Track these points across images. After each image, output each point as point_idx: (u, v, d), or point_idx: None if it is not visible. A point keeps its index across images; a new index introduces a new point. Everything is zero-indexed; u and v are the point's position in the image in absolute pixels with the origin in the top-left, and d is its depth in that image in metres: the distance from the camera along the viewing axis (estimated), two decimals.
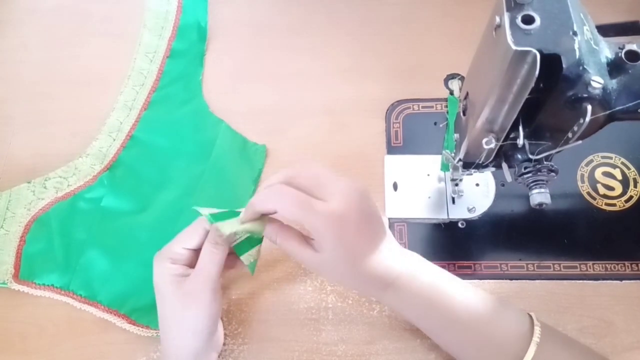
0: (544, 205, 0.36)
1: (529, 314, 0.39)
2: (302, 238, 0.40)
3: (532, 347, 0.35)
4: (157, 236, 0.50)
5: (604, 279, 0.46)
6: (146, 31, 0.62)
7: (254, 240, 0.42)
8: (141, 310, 0.47)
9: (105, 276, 0.49)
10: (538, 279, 0.46)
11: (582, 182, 0.50)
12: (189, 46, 0.61)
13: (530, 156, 0.35)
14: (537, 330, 0.36)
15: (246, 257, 0.42)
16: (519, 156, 0.36)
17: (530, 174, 0.36)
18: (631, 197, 0.49)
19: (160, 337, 0.41)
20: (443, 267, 0.47)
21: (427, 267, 0.41)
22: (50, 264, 0.49)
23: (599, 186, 0.50)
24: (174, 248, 0.42)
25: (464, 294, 0.39)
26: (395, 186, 0.51)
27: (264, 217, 0.41)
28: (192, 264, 0.41)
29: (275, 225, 0.41)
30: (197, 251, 0.42)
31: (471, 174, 0.45)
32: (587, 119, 0.29)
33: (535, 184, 0.36)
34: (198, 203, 0.50)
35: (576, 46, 0.28)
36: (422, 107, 0.55)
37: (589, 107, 0.29)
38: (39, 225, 0.51)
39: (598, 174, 0.50)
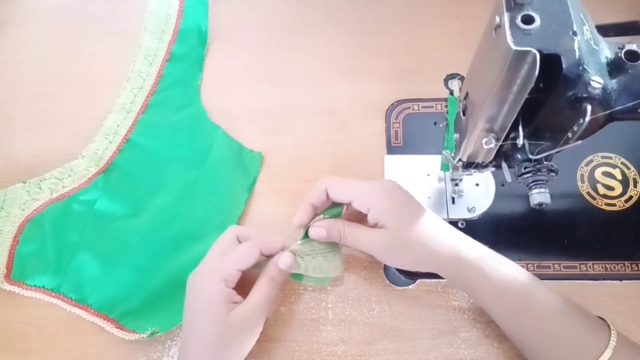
0: (543, 205, 0.36)
1: (602, 318, 0.39)
2: (366, 226, 0.42)
3: (609, 351, 0.35)
4: (149, 241, 0.50)
5: (604, 279, 0.46)
6: (146, 34, 0.62)
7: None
8: (130, 315, 0.47)
9: (96, 280, 0.49)
10: None
11: (582, 182, 0.50)
12: (188, 50, 0.61)
13: (530, 156, 0.35)
14: (614, 335, 0.36)
15: (307, 279, 0.45)
16: (519, 156, 0.36)
17: (530, 174, 0.36)
18: (631, 197, 0.49)
19: (185, 356, 0.40)
20: None
21: (496, 254, 0.41)
22: (42, 265, 0.49)
23: (599, 186, 0.50)
24: (229, 269, 0.40)
25: (539, 283, 0.39)
26: None
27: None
28: (236, 287, 0.41)
29: (339, 224, 0.42)
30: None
31: (471, 174, 0.45)
32: (587, 119, 0.29)
33: (535, 184, 0.36)
34: (191, 209, 0.50)
35: (576, 46, 0.28)
36: (422, 107, 0.55)
37: (589, 107, 0.29)
38: (32, 226, 0.51)
39: (598, 174, 0.50)
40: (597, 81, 0.29)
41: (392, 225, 0.40)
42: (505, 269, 0.40)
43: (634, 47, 0.31)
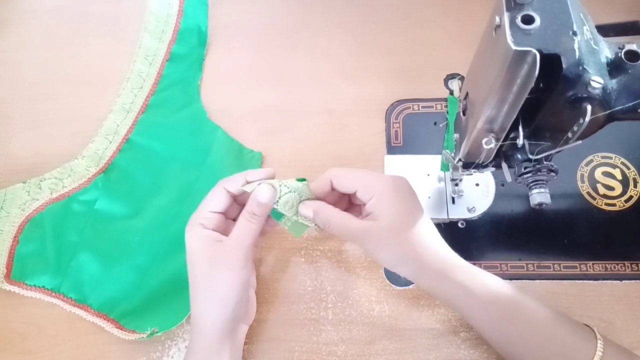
0: (544, 205, 0.36)
1: (589, 326, 0.38)
2: (353, 215, 0.41)
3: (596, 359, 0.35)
4: (149, 241, 0.50)
5: (604, 279, 0.46)
6: (146, 34, 0.62)
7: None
8: (130, 315, 0.47)
9: (96, 280, 0.49)
10: (538, 279, 0.46)
11: (582, 182, 0.50)
12: (188, 50, 0.61)
13: (530, 156, 0.35)
14: (600, 343, 0.36)
15: (284, 221, 0.43)
16: (519, 156, 0.36)
17: (530, 174, 0.36)
18: (631, 197, 0.49)
19: (191, 307, 0.41)
20: None
21: (480, 269, 0.41)
22: (42, 266, 0.49)
23: (599, 186, 0.50)
24: (202, 213, 0.41)
25: (525, 295, 0.39)
26: None
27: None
28: (223, 230, 0.41)
29: (328, 209, 0.41)
30: (226, 216, 0.42)
31: (471, 174, 0.45)
32: (587, 119, 0.29)
33: (535, 184, 0.36)
34: (191, 209, 0.50)
35: (576, 46, 0.28)
36: (422, 107, 0.55)
37: (589, 107, 0.29)
38: (32, 226, 0.51)
39: (598, 174, 0.50)
40: (597, 81, 0.29)
41: (387, 217, 0.39)
42: (491, 283, 0.39)
43: (634, 47, 0.31)
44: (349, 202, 0.45)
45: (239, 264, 0.40)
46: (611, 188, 0.49)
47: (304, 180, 0.42)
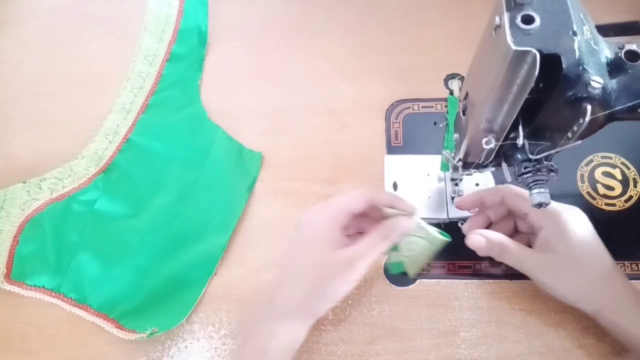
0: (544, 205, 0.36)
1: None
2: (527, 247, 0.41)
3: None
4: (149, 241, 0.50)
5: None
6: (146, 34, 0.62)
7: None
8: (130, 315, 0.47)
9: (96, 280, 0.49)
10: None
11: (582, 182, 0.50)
12: (188, 50, 0.61)
13: (530, 156, 0.35)
14: None
15: (392, 256, 0.44)
16: (519, 156, 0.36)
17: (530, 174, 0.36)
18: (631, 197, 0.49)
19: (280, 285, 0.41)
20: (443, 266, 0.47)
21: None
22: (42, 265, 0.49)
23: (599, 186, 0.50)
24: (337, 209, 0.40)
25: None
26: (395, 186, 0.51)
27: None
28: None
29: (502, 237, 0.41)
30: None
31: (471, 174, 0.45)
32: (587, 118, 0.29)
33: (535, 184, 0.36)
34: (191, 209, 0.50)
35: (576, 46, 0.28)
36: (422, 107, 0.55)
37: (589, 107, 0.29)
38: (32, 226, 0.51)
39: (598, 174, 0.50)
40: (597, 81, 0.29)
41: (564, 249, 0.39)
42: None
43: (634, 47, 0.31)
44: (514, 228, 0.45)
45: (355, 276, 0.40)
46: (611, 188, 0.49)
47: (447, 237, 0.42)
